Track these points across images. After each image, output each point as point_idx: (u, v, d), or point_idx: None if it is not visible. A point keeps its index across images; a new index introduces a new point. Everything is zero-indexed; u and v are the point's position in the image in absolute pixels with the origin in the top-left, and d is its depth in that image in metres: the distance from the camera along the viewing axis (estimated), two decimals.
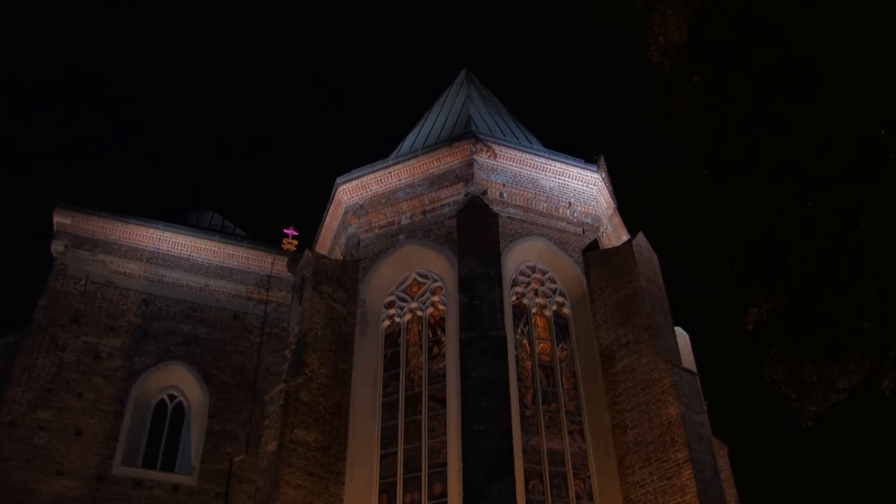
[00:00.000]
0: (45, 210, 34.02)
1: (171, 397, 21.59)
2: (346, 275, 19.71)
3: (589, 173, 21.20)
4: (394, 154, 21.95)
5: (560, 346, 18.68)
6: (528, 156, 20.78)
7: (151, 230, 23.27)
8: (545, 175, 20.82)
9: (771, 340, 8.51)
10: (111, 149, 64.59)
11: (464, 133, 20.71)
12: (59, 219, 22.55)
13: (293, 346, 18.22)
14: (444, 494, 15.92)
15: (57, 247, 22.22)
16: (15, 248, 55.08)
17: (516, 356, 17.80)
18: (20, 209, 58.76)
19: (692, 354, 21.87)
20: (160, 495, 19.59)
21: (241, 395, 21.71)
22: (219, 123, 70.26)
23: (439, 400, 17.32)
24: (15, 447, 19.04)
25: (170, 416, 21.32)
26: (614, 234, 21.80)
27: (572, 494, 16.37)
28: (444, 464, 16.31)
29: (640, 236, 19.49)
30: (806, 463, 43.10)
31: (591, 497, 16.47)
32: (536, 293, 19.23)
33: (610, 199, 21.75)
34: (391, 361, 18.63)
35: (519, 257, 19.35)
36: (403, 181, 20.80)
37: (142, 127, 65.90)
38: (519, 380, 17.53)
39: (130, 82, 67.19)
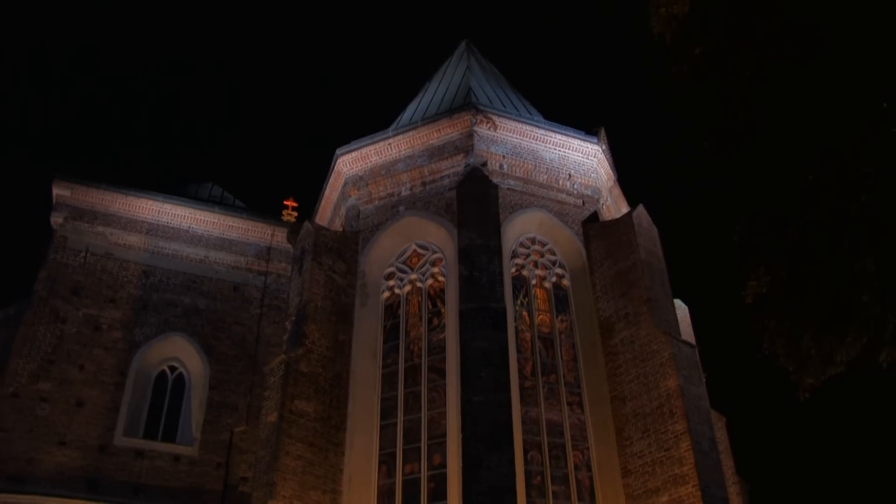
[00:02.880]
0: (45, 182, 33.99)
1: (172, 369, 21.68)
2: (346, 246, 19.70)
3: (589, 145, 21.13)
4: (394, 125, 21.86)
5: (559, 317, 18.72)
6: (528, 127, 20.70)
7: (151, 202, 23.24)
8: (545, 147, 20.75)
9: (770, 313, 8.51)
10: (110, 121, 64.34)
11: (464, 104, 20.62)
12: (59, 191, 22.52)
13: (293, 318, 18.25)
14: (443, 465, 16.03)
15: (56, 219, 22.21)
16: (15, 221, 55.02)
17: (516, 328, 17.83)
18: (19, 181, 58.68)
19: (691, 327, 21.91)
20: (162, 466, 19.73)
21: (242, 366, 21.80)
22: (218, 94, 69.95)
23: (439, 371, 17.39)
24: (17, 418, 19.16)
25: (170, 388, 21.42)
26: (614, 206, 21.76)
27: (571, 465, 16.47)
28: (444, 435, 16.39)
29: (640, 208, 19.47)
30: (803, 435, 43.34)
31: (589, 468, 16.58)
32: (536, 265, 19.23)
33: (610, 171, 21.69)
34: (391, 333, 18.68)
35: (519, 229, 19.33)
36: (403, 152, 20.73)
37: (141, 98, 65.59)
38: (518, 351, 17.57)
39: (130, 54, 66.84)
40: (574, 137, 21.04)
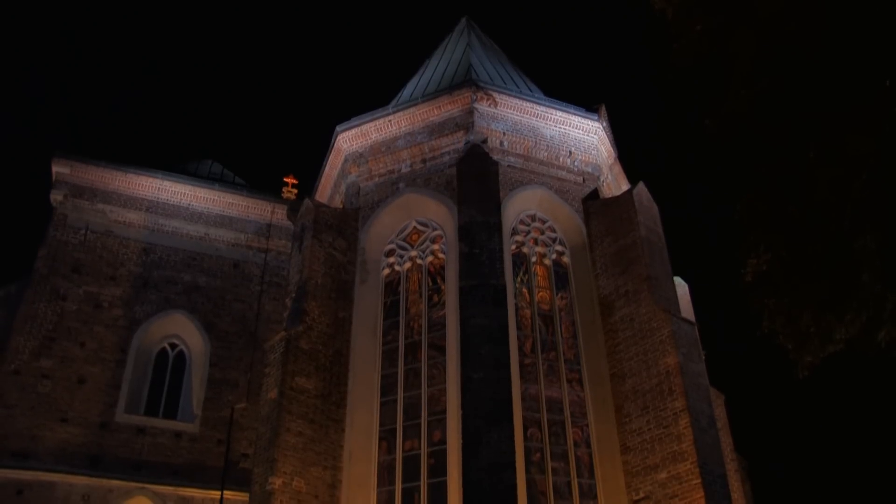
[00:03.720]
0: (44, 160, 33.91)
1: (173, 346, 21.74)
2: (346, 223, 19.69)
3: (590, 122, 21.05)
4: (394, 102, 21.77)
5: (559, 294, 18.74)
6: (528, 104, 20.62)
7: (151, 179, 23.22)
8: (546, 124, 20.68)
9: (770, 291, 8.51)
10: (110, 98, 64.08)
11: (464, 81, 20.53)
12: (58, 168, 22.49)
13: (293, 295, 18.27)
14: (443, 441, 16.11)
15: (56, 196, 22.19)
16: (14, 199, 54.95)
17: (516, 305, 17.86)
18: (19, 159, 58.54)
19: (691, 304, 21.93)
20: (163, 442, 19.85)
21: (242, 343, 21.86)
22: (218, 72, 69.61)
23: (439, 348, 17.43)
24: (20, 395, 19.25)
25: (171, 365, 21.49)
26: (615, 183, 21.72)
27: (570, 442, 16.55)
28: (444, 411, 16.46)
29: (641, 186, 19.43)
30: (801, 413, 43.58)
31: (588, 444, 16.66)
32: (536, 242, 19.22)
33: (611, 148, 21.63)
34: (391, 309, 18.70)
35: (519, 206, 19.31)
36: (403, 129, 20.67)
37: (141, 76, 65.30)
38: (518, 328, 17.61)
39: (129, 31, 66.44)
40: (575, 114, 20.97)
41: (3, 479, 18.12)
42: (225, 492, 18.88)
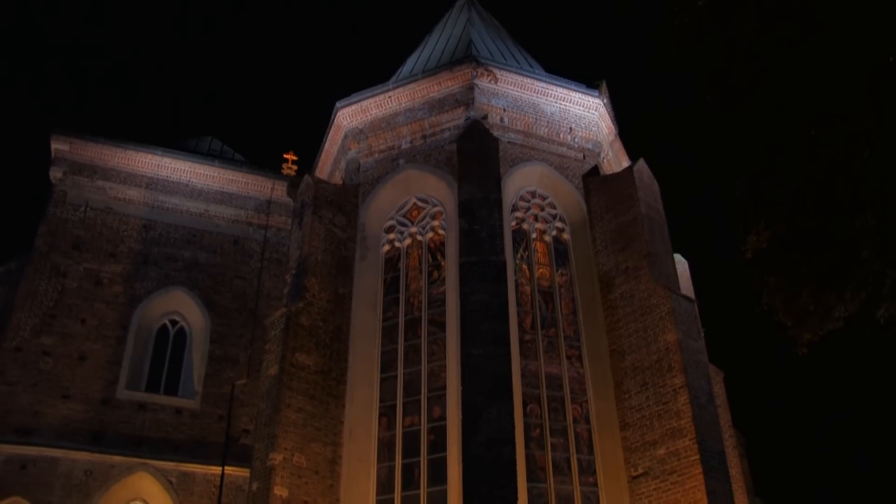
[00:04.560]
0: (43, 137, 33.78)
1: (173, 322, 21.77)
2: (346, 199, 19.67)
3: (590, 98, 20.96)
4: (394, 78, 21.67)
5: (559, 271, 18.75)
6: (529, 80, 20.52)
7: (150, 156, 23.14)
8: (546, 100, 20.60)
9: (770, 268, 8.53)
10: (109, 75, 63.75)
11: (464, 57, 20.41)
12: (57, 145, 22.41)
13: (293, 271, 18.28)
14: (443, 417, 16.18)
15: (56, 173, 22.13)
16: (14, 176, 54.85)
17: (516, 281, 17.87)
18: (18, 136, 58.35)
19: (690, 281, 21.95)
20: (164, 418, 19.93)
21: (242, 319, 21.89)
22: (218, 48, 69.23)
23: (439, 324, 17.46)
24: (21, 371, 19.31)
25: (172, 341, 21.53)
26: (615, 160, 21.67)
27: (570, 418, 16.63)
28: (444, 387, 16.52)
29: (641, 162, 19.39)
30: (800, 390, 43.78)
31: (588, 421, 16.73)
32: (536, 218, 19.20)
33: (611, 125, 21.55)
34: (391, 286, 18.72)
35: (519, 182, 19.27)
36: (403, 105, 20.58)
37: (140, 52, 64.96)
38: (518, 305, 17.63)
39: (128, 6, 66.00)
40: (575, 91, 20.87)
41: (7, 454, 18.23)
42: (226, 467, 18.95)
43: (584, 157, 20.52)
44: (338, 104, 21.18)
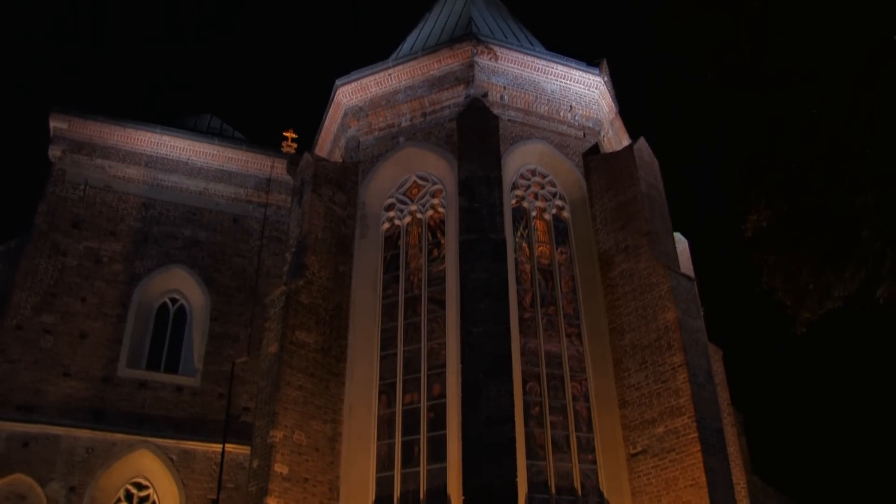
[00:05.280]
0: (42, 115, 33.69)
1: (173, 300, 21.78)
2: (346, 177, 19.64)
3: (591, 76, 20.87)
4: (394, 55, 21.57)
5: (559, 249, 18.75)
6: (529, 58, 20.42)
7: (149, 134, 23.04)
8: (547, 78, 20.51)
9: (769, 247, 8.52)
10: (108, 52, 63.43)
11: (465, 34, 20.30)
12: (56, 123, 22.31)
13: (293, 249, 18.29)
14: (442, 395, 16.23)
15: (55, 152, 22.06)
16: (13, 154, 54.70)
17: (515, 259, 17.88)
18: (17, 114, 58.16)
19: (690, 260, 21.93)
20: (165, 396, 19.98)
21: (242, 297, 21.90)
22: (217, 25, 68.80)
23: (439, 302, 17.49)
24: (22, 349, 19.34)
25: (172, 319, 21.54)
26: (615, 138, 21.61)
27: (569, 396, 16.68)
28: (443, 365, 16.57)
29: (642, 141, 19.34)
30: (799, 369, 43.89)
31: (587, 399, 16.79)
32: (536, 196, 19.18)
33: (612, 103, 21.47)
34: (391, 264, 18.73)
35: (519, 160, 19.24)
36: (403, 83, 20.50)
37: (139, 29, 64.57)
38: (518, 283, 17.65)
39: None
40: (575, 69, 20.78)
41: (10, 431, 18.30)
42: (226, 445, 19.08)
43: (584, 135, 20.46)
44: (337, 82, 21.08)
